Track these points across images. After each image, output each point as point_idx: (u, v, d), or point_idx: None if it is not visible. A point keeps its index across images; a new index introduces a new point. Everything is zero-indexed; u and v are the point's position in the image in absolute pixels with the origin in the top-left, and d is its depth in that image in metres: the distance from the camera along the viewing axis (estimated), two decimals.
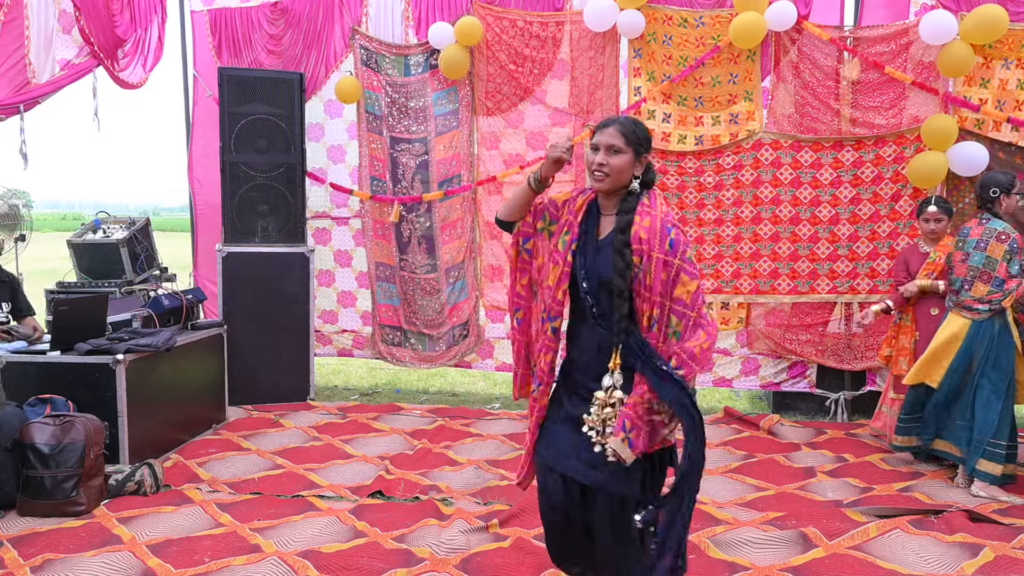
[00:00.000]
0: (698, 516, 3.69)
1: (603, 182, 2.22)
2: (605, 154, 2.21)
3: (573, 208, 2.31)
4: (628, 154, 2.21)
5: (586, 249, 2.26)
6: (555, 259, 2.29)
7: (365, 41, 6.11)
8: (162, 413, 4.57)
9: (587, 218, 2.29)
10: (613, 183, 2.22)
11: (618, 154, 2.20)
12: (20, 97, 5.51)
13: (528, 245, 2.39)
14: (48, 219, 38.94)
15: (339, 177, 6.37)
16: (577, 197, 2.34)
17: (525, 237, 2.39)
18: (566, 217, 2.31)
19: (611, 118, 2.29)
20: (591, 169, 2.23)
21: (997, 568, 3.14)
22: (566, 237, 2.27)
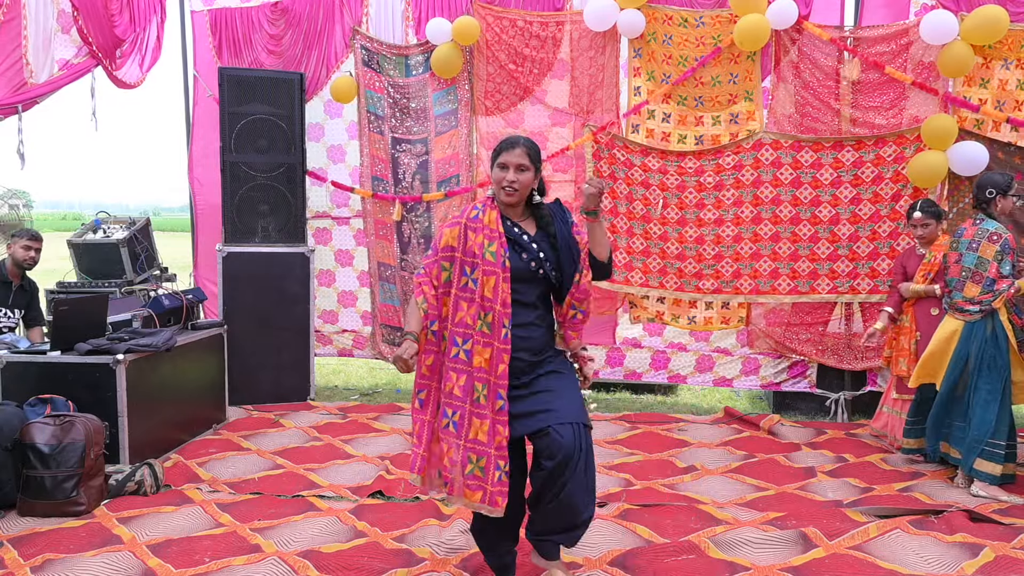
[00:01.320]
0: (698, 516, 3.69)
1: (513, 196, 2.60)
2: (515, 172, 2.57)
3: (481, 225, 2.59)
4: (531, 171, 2.60)
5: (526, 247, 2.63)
6: (488, 271, 2.56)
7: (365, 41, 6.11)
8: (162, 413, 4.56)
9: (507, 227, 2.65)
10: (520, 197, 2.62)
11: (524, 172, 2.58)
12: (18, 97, 5.51)
13: (435, 327, 2.62)
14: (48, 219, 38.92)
15: (339, 177, 6.38)
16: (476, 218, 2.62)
17: (432, 319, 2.62)
18: (479, 238, 2.58)
19: (515, 138, 2.61)
20: (501, 185, 2.59)
21: (997, 568, 3.13)
22: (492, 248, 2.56)
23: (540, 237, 2.66)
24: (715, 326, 5.82)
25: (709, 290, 5.69)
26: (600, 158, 5.70)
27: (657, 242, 5.71)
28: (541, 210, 2.68)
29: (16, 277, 5.04)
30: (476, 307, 2.55)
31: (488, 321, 2.54)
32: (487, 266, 2.54)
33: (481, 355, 2.55)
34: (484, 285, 2.54)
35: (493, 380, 2.54)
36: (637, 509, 3.76)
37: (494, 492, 2.52)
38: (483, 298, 2.55)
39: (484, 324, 2.54)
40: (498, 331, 2.53)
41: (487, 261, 2.54)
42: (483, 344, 2.54)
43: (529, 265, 2.61)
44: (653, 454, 4.73)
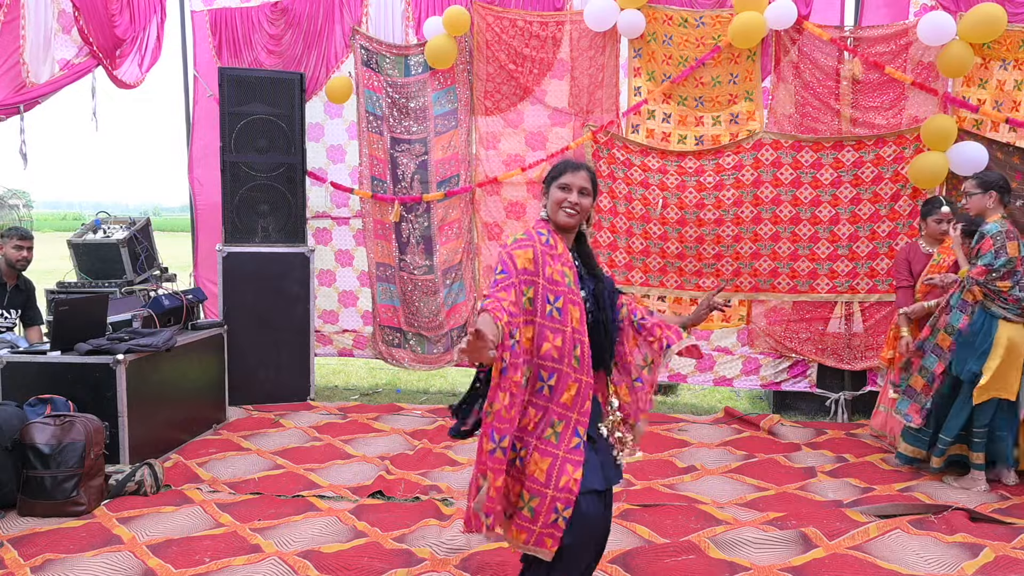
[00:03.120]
0: (698, 516, 3.69)
1: (574, 218, 2.41)
2: (578, 195, 2.39)
3: (555, 254, 2.38)
4: (591, 198, 2.44)
5: (585, 284, 2.44)
6: (574, 300, 2.35)
7: (365, 41, 6.11)
8: (162, 413, 4.56)
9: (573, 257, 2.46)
10: (579, 221, 2.44)
11: (586, 196, 2.41)
12: (20, 97, 5.52)
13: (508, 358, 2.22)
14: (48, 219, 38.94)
15: (339, 177, 6.38)
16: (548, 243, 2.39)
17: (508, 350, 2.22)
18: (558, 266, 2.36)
19: (580, 163, 2.47)
20: (562, 205, 2.39)
21: (997, 568, 3.14)
22: (571, 276, 2.37)
23: (587, 275, 2.48)
24: (716, 324, 5.83)
25: (709, 289, 5.68)
26: (600, 158, 5.71)
27: (657, 242, 5.71)
28: (585, 246, 2.52)
29: (11, 278, 5.03)
30: (565, 339, 2.31)
31: (577, 354, 2.32)
32: (571, 296, 2.34)
33: (568, 391, 2.31)
34: (571, 316, 2.33)
35: (575, 417, 2.31)
36: (637, 509, 3.76)
37: (543, 534, 2.26)
38: (574, 330, 2.33)
39: (575, 358, 2.32)
40: (586, 365, 2.33)
41: (572, 291, 2.35)
42: (573, 379, 2.32)
43: (584, 302, 2.40)
44: (653, 454, 4.73)
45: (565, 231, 2.44)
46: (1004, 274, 3.95)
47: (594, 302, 2.43)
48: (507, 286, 2.27)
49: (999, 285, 3.97)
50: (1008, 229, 4.02)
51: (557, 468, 2.27)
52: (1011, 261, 3.94)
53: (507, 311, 2.21)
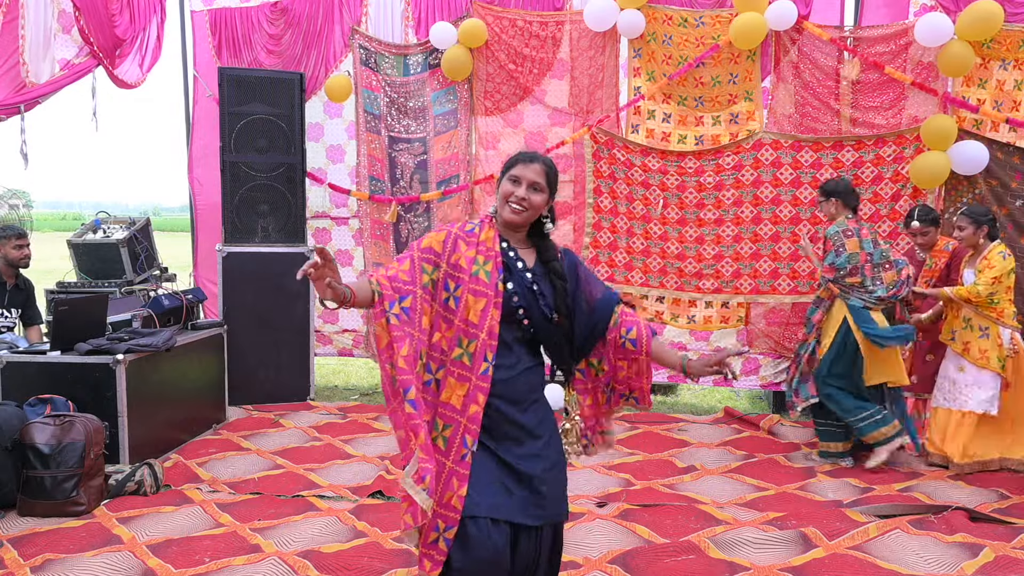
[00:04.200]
0: (698, 516, 3.69)
1: (520, 216, 2.17)
2: (527, 189, 2.17)
3: (479, 239, 2.17)
4: (545, 193, 2.20)
5: (519, 280, 2.17)
6: (478, 291, 2.11)
7: (364, 41, 6.11)
8: (162, 413, 4.56)
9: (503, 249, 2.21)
10: (528, 218, 2.20)
11: (538, 192, 2.18)
12: (20, 97, 5.52)
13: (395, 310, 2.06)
14: (48, 219, 38.93)
15: (338, 177, 6.38)
16: (471, 232, 2.20)
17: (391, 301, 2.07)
18: (471, 252, 2.15)
19: (535, 154, 2.24)
20: (508, 199, 2.16)
21: (997, 568, 3.14)
22: (487, 267, 2.13)
23: (539, 272, 2.22)
24: (715, 325, 5.82)
25: (709, 290, 5.68)
26: (600, 158, 5.71)
27: (657, 242, 5.71)
28: (547, 241, 2.26)
29: (10, 277, 5.03)
30: (456, 331, 2.10)
31: (470, 351, 2.09)
32: (476, 285, 2.10)
33: (454, 390, 2.09)
34: (469, 307, 2.10)
35: (464, 422, 2.07)
36: (637, 509, 3.76)
37: (423, 554, 2.08)
38: (466, 322, 2.10)
39: (465, 353, 2.09)
40: (478, 364, 2.08)
41: (478, 280, 2.11)
42: (458, 377, 2.09)
43: (512, 298, 2.14)
44: (653, 454, 4.73)
45: (512, 230, 2.22)
46: (850, 270, 4.29)
47: (530, 299, 2.16)
48: (402, 258, 2.15)
49: (849, 281, 4.31)
50: (846, 229, 4.33)
51: (443, 480, 2.04)
52: (851, 257, 4.28)
53: (388, 276, 2.08)
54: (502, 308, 2.13)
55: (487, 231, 2.20)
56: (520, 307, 2.15)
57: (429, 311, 2.12)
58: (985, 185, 5.22)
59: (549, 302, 2.18)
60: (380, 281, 2.08)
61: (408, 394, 2.02)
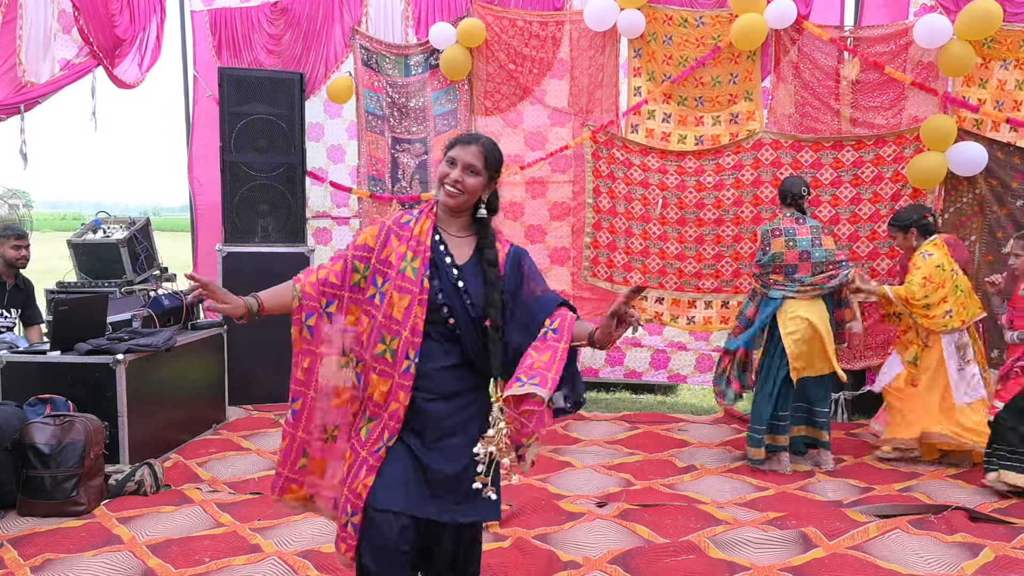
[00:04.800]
0: (698, 516, 3.69)
1: (455, 199, 2.13)
2: (462, 171, 2.13)
3: (412, 234, 2.14)
4: (483, 177, 2.15)
5: (444, 276, 2.12)
6: (403, 288, 2.09)
7: (365, 41, 6.11)
8: (162, 413, 4.57)
9: (435, 243, 2.16)
10: (464, 202, 2.15)
11: (475, 175, 2.14)
12: (20, 97, 5.52)
13: (311, 322, 2.12)
14: (48, 219, 38.93)
15: (339, 177, 6.38)
16: (406, 224, 2.17)
17: (310, 312, 2.13)
18: (401, 247, 2.13)
19: (474, 136, 2.20)
20: (443, 182, 2.14)
21: (997, 568, 3.14)
22: (415, 263, 2.10)
23: (470, 267, 2.15)
24: (715, 326, 5.81)
25: (709, 290, 5.68)
26: (599, 158, 5.71)
27: (657, 242, 5.71)
28: (486, 229, 2.19)
29: (10, 277, 5.02)
30: (379, 328, 2.10)
31: (393, 348, 2.08)
32: (401, 282, 2.08)
33: (376, 385, 2.11)
34: (394, 304, 2.08)
35: (385, 418, 2.10)
36: (637, 509, 3.76)
37: (339, 536, 2.14)
38: (389, 318, 2.08)
39: (388, 349, 2.09)
40: (400, 361, 2.07)
41: (404, 276, 2.08)
42: (380, 373, 2.10)
43: (437, 295, 2.11)
44: (653, 454, 4.73)
45: (451, 216, 2.18)
46: (775, 268, 4.40)
47: (454, 297, 2.11)
48: (336, 257, 2.18)
49: (774, 277, 4.42)
50: (776, 227, 4.43)
51: (355, 467, 2.12)
52: (776, 256, 4.39)
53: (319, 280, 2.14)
54: (427, 305, 2.10)
55: (423, 222, 2.17)
56: (444, 304, 2.11)
57: (356, 309, 2.17)
58: (985, 185, 5.22)
59: (476, 300, 2.12)
60: (305, 288, 2.14)
61: (293, 404, 2.20)
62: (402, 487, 2.08)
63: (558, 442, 4.98)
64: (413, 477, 2.10)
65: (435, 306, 2.11)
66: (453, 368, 2.14)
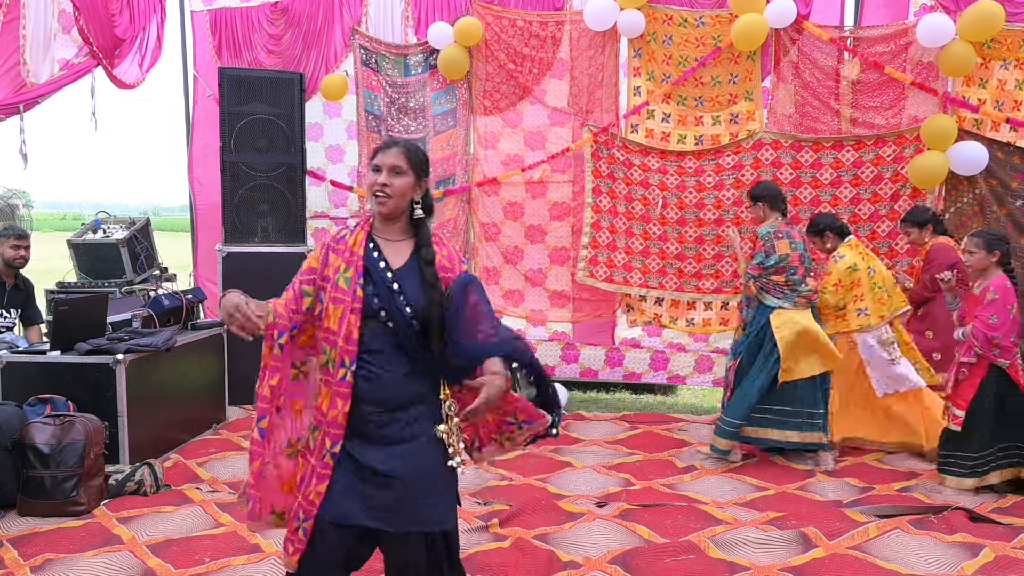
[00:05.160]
0: (698, 516, 3.69)
1: (385, 204, 2.17)
2: (388, 175, 2.16)
3: (347, 246, 2.19)
4: (409, 176, 2.19)
5: (378, 281, 2.16)
6: (337, 299, 2.14)
7: (364, 41, 6.11)
8: (162, 413, 4.56)
9: (368, 251, 2.20)
10: (395, 206, 2.18)
11: (400, 176, 2.17)
12: (20, 97, 5.52)
13: (282, 340, 2.16)
14: (48, 219, 38.92)
15: (338, 177, 6.38)
16: (342, 239, 2.22)
17: (281, 330, 2.15)
18: (337, 260, 2.18)
19: (394, 139, 2.27)
20: (372, 191, 2.19)
21: (997, 568, 3.14)
22: (347, 274, 2.15)
23: (408, 271, 2.18)
24: (714, 328, 5.82)
25: (709, 290, 5.68)
26: (599, 158, 5.71)
27: (657, 242, 5.71)
28: (422, 230, 2.24)
29: (9, 277, 5.02)
30: (321, 339, 2.18)
31: (332, 357, 2.13)
32: (336, 293, 2.14)
33: (324, 394, 2.16)
34: (330, 315, 2.14)
35: (325, 426, 2.14)
36: (637, 509, 3.76)
37: (288, 539, 2.18)
38: (327, 330, 2.15)
39: (329, 360, 2.14)
40: (337, 370, 2.11)
41: (338, 288, 2.14)
42: (324, 383, 2.17)
43: (372, 300, 2.13)
44: (653, 454, 4.73)
45: (387, 223, 2.23)
46: (777, 269, 4.38)
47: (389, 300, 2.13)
48: (289, 287, 2.22)
49: (773, 279, 4.39)
50: (777, 230, 4.42)
51: (308, 476, 2.16)
52: (783, 258, 4.37)
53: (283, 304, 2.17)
54: (362, 313, 2.13)
55: (357, 234, 2.22)
56: (381, 309, 2.13)
57: (311, 328, 2.23)
58: (985, 185, 5.22)
59: (413, 300, 2.14)
60: (277, 308, 2.17)
61: (260, 422, 2.16)
62: (353, 497, 2.11)
63: (558, 442, 4.98)
64: (362, 487, 2.11)
65: (371, 311, 2.14)
66: (404, 376, 2.15)
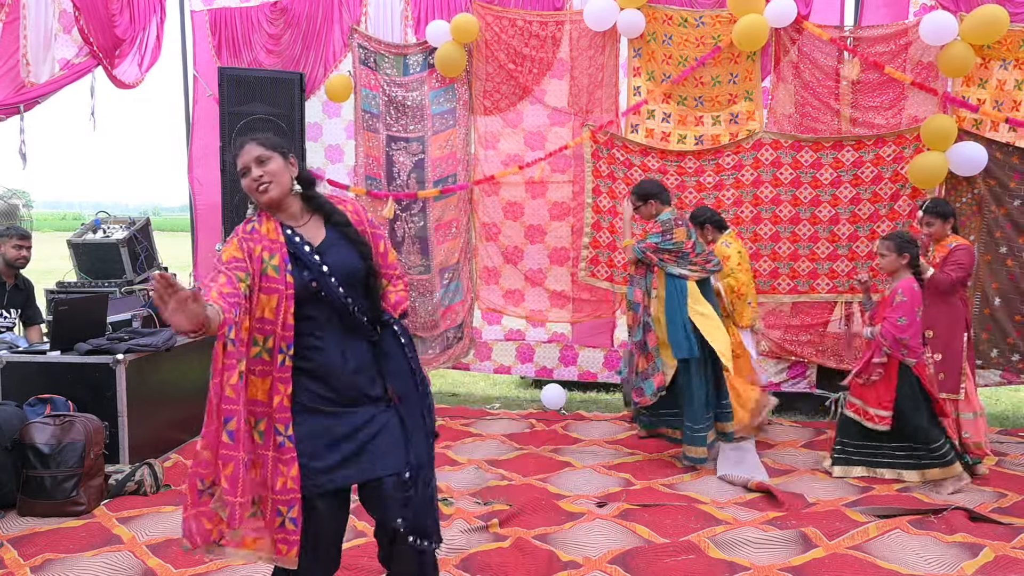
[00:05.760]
0: (698, 516, 3.69)
1: (271, 191, 2.20)
2: (257, 167, 2.20)
3: (259, 237, 2.19)
4: (277, 158, 2.22)
5: (309, 263, 2.19)
6: (269, 288, 2.15)
7: (364, 40, 6.11)
8: (162, 413, 4.56)
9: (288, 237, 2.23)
10: (280, 189, 2.22)
11: (267, 162, 2.20)
12: (20, 97, 5.52)
13: (232, 334, 2.08)
14: (48, 219, 38.93)
15: (337, 177, 6.37)
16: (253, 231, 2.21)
17: (230, 324, 2.05)
18: (258, 249, 2.17)
19: (243, 139, 2.26)
20: (252, 190, 2.21)
21: (997, 568, 3.14)
22: (274, 262, 2.16)
23: (331, 242, 2.26)
24: None
25: None
26: (599, 158, 5.71)
27: None
28: (318, 202, 2.29)
29: (10, 277, 5.02)
30: (251, 330, 2.14)
31: (268, 347, 2.14)
32: (267, 283, 2.14)
33: (257, 385, 2.15)
34: (264, 306, 2.14)
35: (271, 414, 2.15)
36: (637, 509, 3.76)
37: (277, 539, 2.17)
38: (261, 320, 2.14)
39: (263, 350, 2.14)
40: (276, 357, 2.14)
41: (267, 277, 2.15)
42: (260, 373, 2.15)
43: (309, 284, 2.18)
44: (653, 454, 4.73)
45: (279, 208, 2.25)
46: (673, 252, 4.39)
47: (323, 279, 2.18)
48: (215, 275, 2.12)
49: (665, 257, 4.38)
50: (677, 217, 4.47)
51: (270, 470, 2.16)
52: (678, 244, 4.40)
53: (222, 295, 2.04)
54: (297, 297, 2.17)
55: (266, 223, 2.23)
56: (320, 289, 2.20)
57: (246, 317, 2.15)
58: (984, 185, 5.23)
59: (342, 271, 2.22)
60: (220, 304, 2.03)
61: (228, 424, 2.08)
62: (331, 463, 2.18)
63: (558, 442, 4.98)
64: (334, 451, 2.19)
65: (307, 293, 2.19)
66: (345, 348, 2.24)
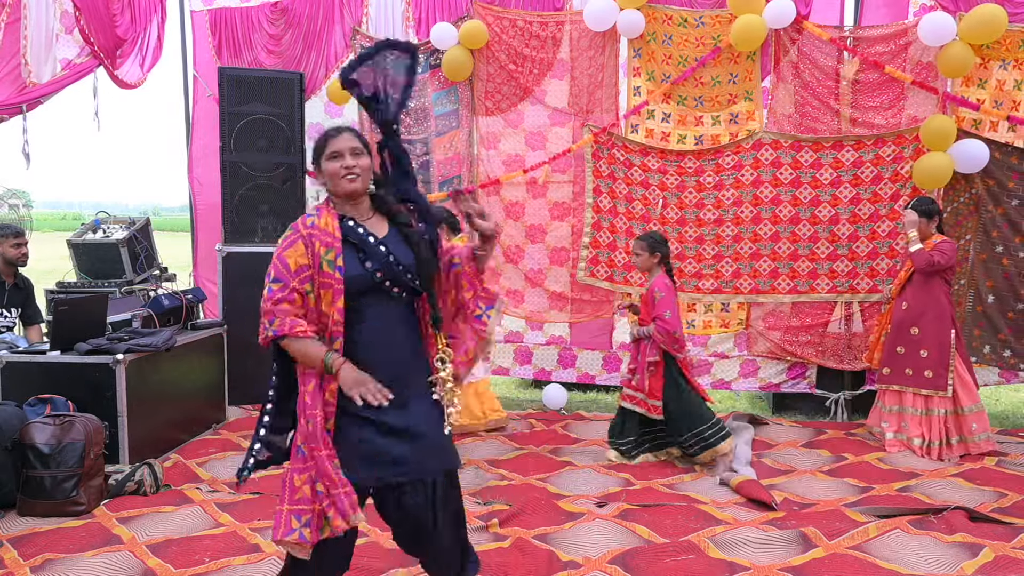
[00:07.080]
0: (698, 516, 3.69)
1: (356, 182, 2.27)
2: (352, 157, 2.26)
3: (319, 231, 2.25)
4: (367, 156, 2.30)
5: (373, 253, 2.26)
6: (325, 283, 2.22)
7: (365, 41, 6.11)
8: (162, 413, 4.56)
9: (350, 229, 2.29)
10: (365, 182, 2.29)
11: (362, 156, 2.28)
12: (23, 97, 5.53)
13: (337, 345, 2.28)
14: (48, 219, 38.94)
15: None
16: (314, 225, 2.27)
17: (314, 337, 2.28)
18: (317, 245, 2.23)
19: (338, 127, 2.33)
20: (341, 175, 2.26)
21: (997, 568, 3.14)
22: (329, 256, 2.22)
23: (394, 237, 2.32)
24: (714, 330, 5.82)
25: (708, 290, 5.68)
26: (599, 158, 5.71)
27: None
28: (384, 200, 2.35)
29: (9, 276, 5.02)
30: (315, 325, 2.25)
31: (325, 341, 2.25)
32: (324, 278, 2.22)
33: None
34: (322, 299, 2.23)
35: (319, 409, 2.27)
36: (637, 509, 3.76)
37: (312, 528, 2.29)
38: (320, 313, 2.24)
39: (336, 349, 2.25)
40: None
41: (324, 272, 2.22)
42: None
43: (373, 275, 2.24)
44: None
45: (354, 200, 2.31)
46: None
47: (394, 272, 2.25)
48: (285, 296, 2.24)
49: None
50: None
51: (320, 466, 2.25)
52: None
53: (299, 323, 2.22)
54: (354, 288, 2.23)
55: (325, 216, 2.28)
56: (385, 280, 2.26)
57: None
58: (982, 184, 5.23)
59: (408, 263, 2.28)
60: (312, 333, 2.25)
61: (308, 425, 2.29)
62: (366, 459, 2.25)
63: (558, 442, 4.98)
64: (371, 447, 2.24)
65: (371, 284, 2.24)
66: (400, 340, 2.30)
